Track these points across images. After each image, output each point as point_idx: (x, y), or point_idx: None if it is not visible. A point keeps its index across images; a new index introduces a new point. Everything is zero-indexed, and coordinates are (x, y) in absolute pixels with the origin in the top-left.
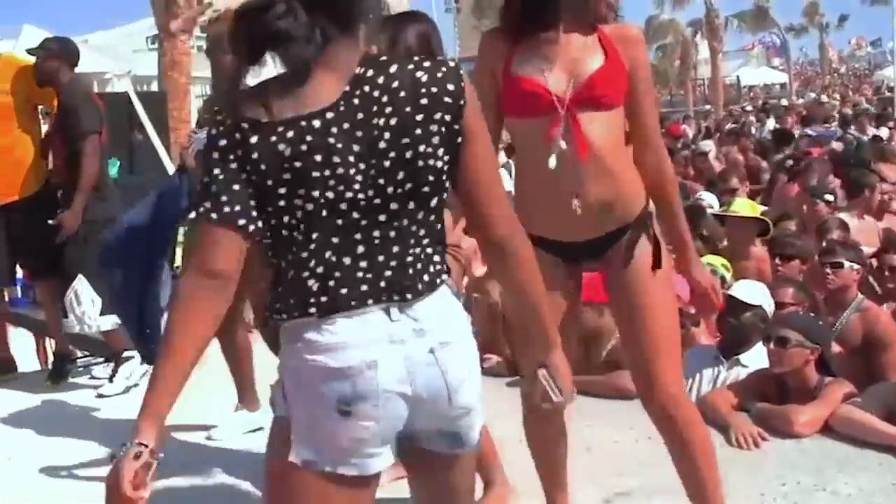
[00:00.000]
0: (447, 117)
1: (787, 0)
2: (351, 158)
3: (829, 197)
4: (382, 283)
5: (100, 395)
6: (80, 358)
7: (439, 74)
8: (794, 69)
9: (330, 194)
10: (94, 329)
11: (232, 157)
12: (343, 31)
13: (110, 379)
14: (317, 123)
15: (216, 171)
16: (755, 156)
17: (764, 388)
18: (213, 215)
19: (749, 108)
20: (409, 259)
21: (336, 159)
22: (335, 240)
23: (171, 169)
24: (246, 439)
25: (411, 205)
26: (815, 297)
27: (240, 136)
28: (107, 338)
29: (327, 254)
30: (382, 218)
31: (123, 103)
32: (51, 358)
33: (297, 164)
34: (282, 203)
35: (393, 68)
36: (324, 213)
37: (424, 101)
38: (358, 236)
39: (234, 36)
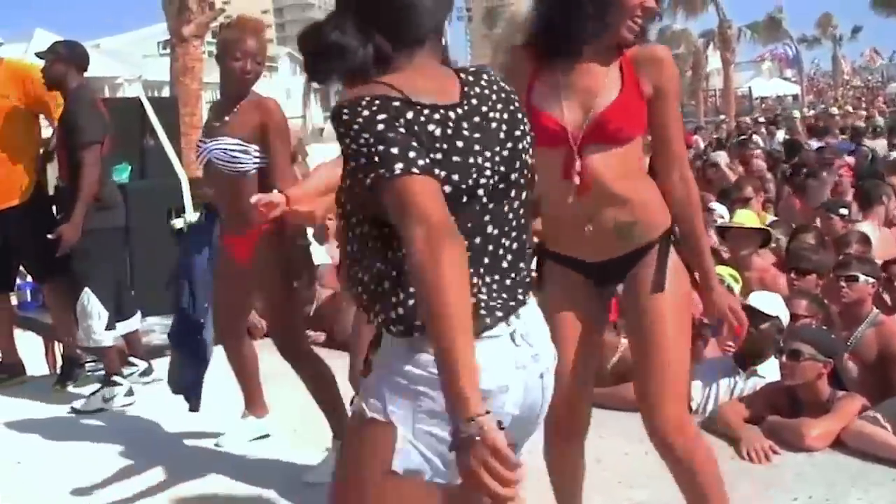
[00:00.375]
0: (525, 120)
1: (800, 11)
2: (477, 147)
3: (844, 211)
4: (506, 296)
5: (73, 410)
6: (88, 362)
7: (510, 86)
8: (806, 81)
9: (469, 181)
10: (97, 343)
11: (397, 124)
12: (399, 43)
13: (90, 395)
14: (453, 114)
15: (390, 134)
16: (760, 165)
17: (776, 401)
18: (415, 169)
19: (761, 119)
20: (523, 263)
21: (476, 147)
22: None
23: (182, 174)
24: (253, 446)
25: (524, 195)
26: (830, 309)
27: (395, 111)
28: (103, 353)
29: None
30: (506, 208)
31: (135, 108)
32: (59, 362)
33: (445, 146)
34: None
35: (482, 75)
36: (463, 199)
37: (512, 105)
38: (492, 232)
39: (302, 51)
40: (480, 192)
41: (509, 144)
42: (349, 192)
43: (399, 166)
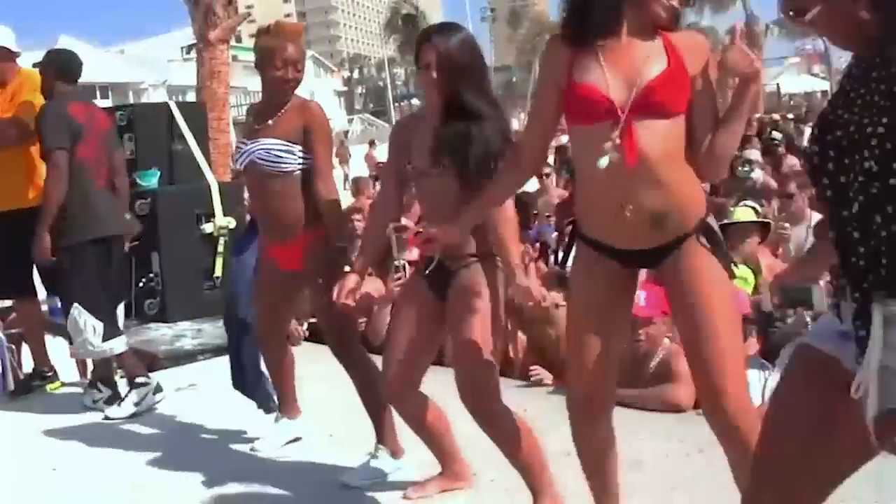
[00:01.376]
0: None
1: None
2: None
3: None
4: None
5: (106, 418)
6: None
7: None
8: (835, 77)
9: None
10: (100, 355)
11: None
12: None
13: (119, 402)
14: None
15: None
16: (792, 162)
17: None
18: None
19: (790, 116)
20: None
21: None
22: None
23: (211, 179)
24: (289, 450)
25: None
26: None
27: None
28: (118, 361)
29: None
30: None
31: (164, 114)
32: (90, 367)
33: None
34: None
35: None
36: None
37: None
38: None
39: None
40: None
41: None
42: None
43: None
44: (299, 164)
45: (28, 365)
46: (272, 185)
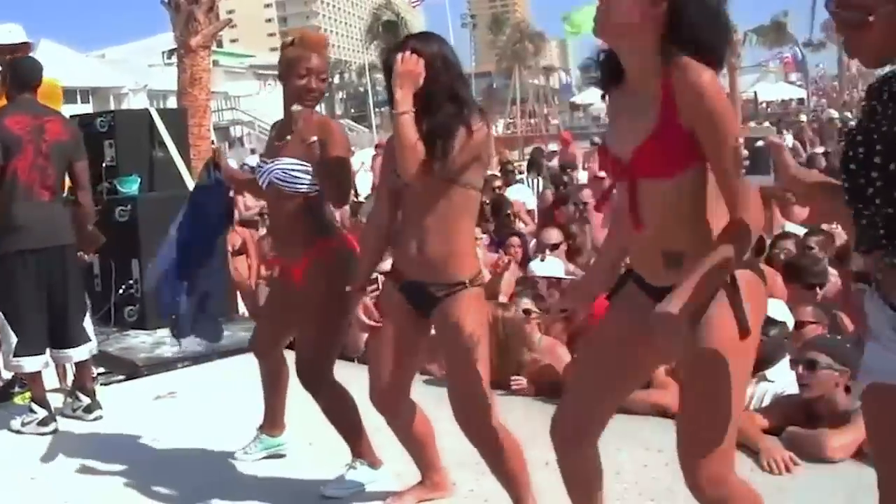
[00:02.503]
0: None
1: (805, 15)
2: None
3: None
4: None
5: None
6: (101, 375)
7: None
8: (812, 85)
9: None
10: (18, 370)
11: None
12: None
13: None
14: None
15: None
16: None
17: (794, 413)
18: None
19: (766, 124)
20: None
21: None
22: None
23: (191, 185)
24: (269, 461)
25: None
26: (840, 317)
27: None
28: (28, 378)
29: None
30: None
31: (144, 120)
32: (70, 377)
33: None
34: None
35: None
36: None
37: None
38: None
39: None
40: None
41: None
42: None
43: None
44: (312, 183)
45: (7, 373)
46: (284, 203)
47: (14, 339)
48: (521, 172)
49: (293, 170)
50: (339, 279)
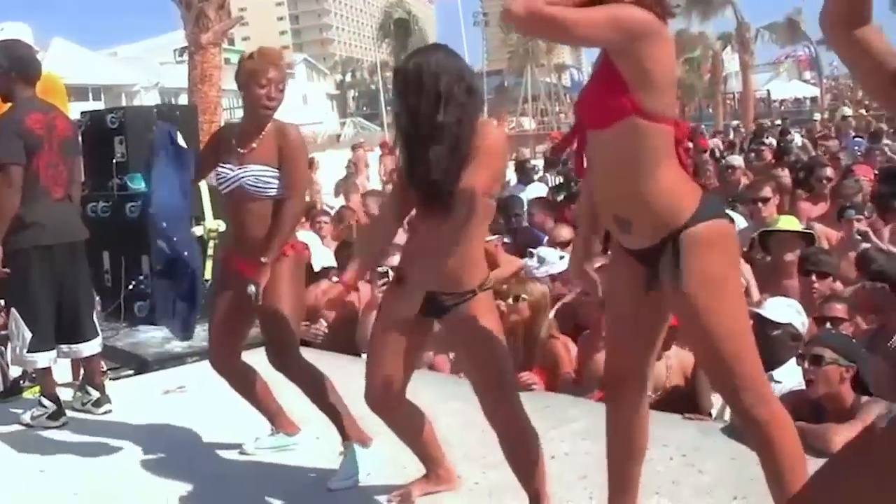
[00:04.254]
0: None
1: (819, 12)
2: None
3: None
4: None
5: (22, 423)
6: (111, 370)
7: None
8: (826, 83)
9: None
10: (25, 365)
11: None
12: None
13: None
14: None
15: None
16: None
17: (799, 409)
18: None
19: (777, 122)
20: None
21: None
22: None
23: (202, 182)
24: (277, 455)
25: None
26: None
27: None
28: (39, 374)
29: None
30: None
31: (153, 117)
32: (82, 371)
33: None
34: None
35: None
36: None
37: None
38: None
39: None
40: None
41: None
42: None
43: None
44: (279, 187)
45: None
46: (253, 207)
47: (28, 335)
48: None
49: (263, 176)
50: (299, 278)
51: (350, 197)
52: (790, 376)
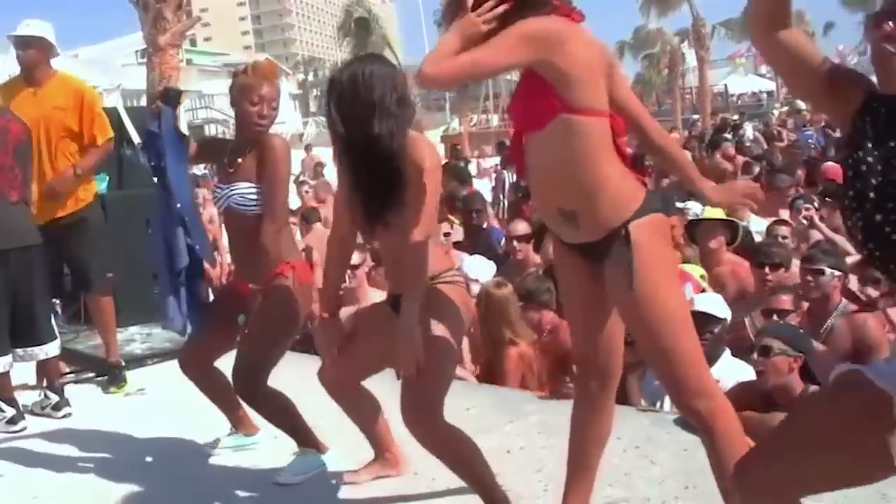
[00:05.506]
0: None
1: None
2: None
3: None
4: None
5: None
6: (71, 372)
7: None
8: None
9: None
10: None
11: None
12: None
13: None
14: None
15: None
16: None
17: (749, 399)
18: None
19: (734, 117)
20: None
21: None
22: None
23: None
24: (236, 455)
25: None
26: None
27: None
28: None
29: None
30: None
31: (112, 118)
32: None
33: None
34: None
35: None
36: None
37: None
38: None
39: None
40: None
41: None
42: None
43: None
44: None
45: None
46: (242, 226)
47: None
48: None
49: (248, 193)
50: (294, 301)
51: (324, 196)
52: (724, 371)
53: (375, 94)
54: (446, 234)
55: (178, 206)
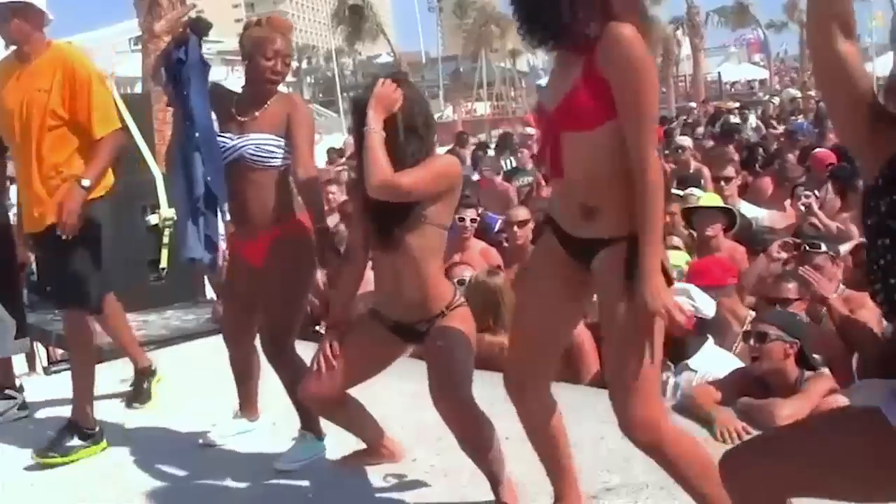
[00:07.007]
0: None
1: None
2: None
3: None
4: None
5: None
6: (65, 360)
7: None
8: (774, 65)
9: None
10: None
11: None
12: None
13: None
14: None
15: None
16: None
17: (746, 385)
18: None
19: (733, 105)
20: None
21: None
22: None
23: (156, 170)
24: (235, 440)
25: None
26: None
27: None
28: None
29: None
30: None
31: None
32: (40, 363)
33: None
34: None
35: None
36: None
37: None
38: None
39: None
40: None
41: None
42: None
43: None
44: (284, 157)
45: None
46: (253, 179)
47: None
48: (488, 147)
49: (266, 144)
50: (305, 255)
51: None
52: (704, 362)
53: (405, 114)
54: (473, 221)
55: (197, 134)
